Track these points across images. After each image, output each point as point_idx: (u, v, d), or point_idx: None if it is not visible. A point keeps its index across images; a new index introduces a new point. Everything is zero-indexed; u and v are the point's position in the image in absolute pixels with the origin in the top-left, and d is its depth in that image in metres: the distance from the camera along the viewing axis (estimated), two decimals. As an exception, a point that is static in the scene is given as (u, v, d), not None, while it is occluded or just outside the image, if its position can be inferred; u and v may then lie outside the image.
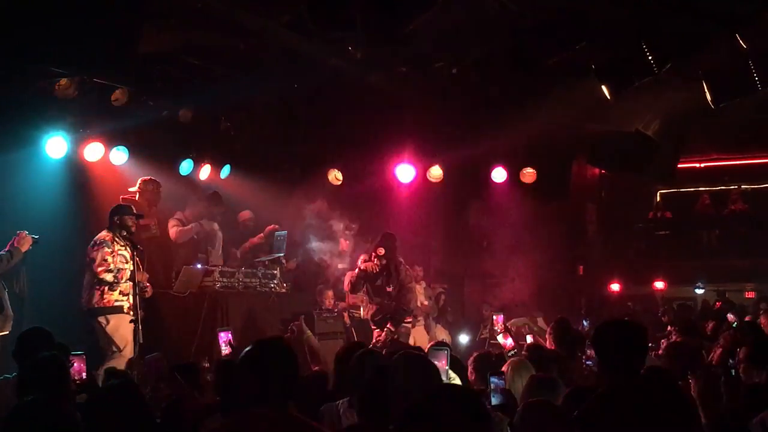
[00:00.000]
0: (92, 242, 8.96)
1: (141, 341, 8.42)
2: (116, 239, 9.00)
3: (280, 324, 10.35)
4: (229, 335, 7.09)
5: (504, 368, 5.85)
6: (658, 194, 19.68)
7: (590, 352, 7.62)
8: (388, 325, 10.24)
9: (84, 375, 5.06)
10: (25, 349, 5.35)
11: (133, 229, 9.17)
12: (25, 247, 8.18)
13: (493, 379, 5.15)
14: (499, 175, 13.91)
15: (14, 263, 8.15)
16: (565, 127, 12.51)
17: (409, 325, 10.75)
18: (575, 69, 9.58)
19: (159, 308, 9.68)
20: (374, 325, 10.52)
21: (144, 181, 10.20)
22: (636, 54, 8.38)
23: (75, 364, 4.97)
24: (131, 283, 8.79)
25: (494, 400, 5.06)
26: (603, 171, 16.51)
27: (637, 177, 15.12)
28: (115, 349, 8.66)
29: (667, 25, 8.74)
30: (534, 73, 9.94)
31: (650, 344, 7.38)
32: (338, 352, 6.44)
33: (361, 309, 12.45)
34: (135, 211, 9.27)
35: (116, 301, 8.93)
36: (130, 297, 8.83)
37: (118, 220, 9.08)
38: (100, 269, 8.85)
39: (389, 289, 10.34)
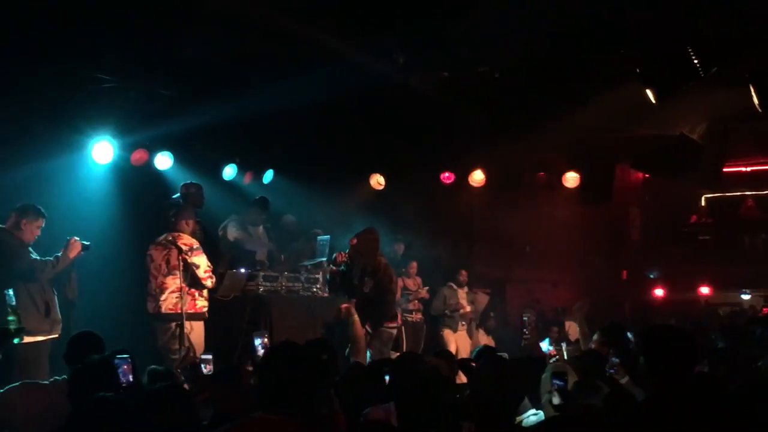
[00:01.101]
0: (182, 246, 8.95)
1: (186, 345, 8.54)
2: None
3: (322, 328, 10.36)
4: (265, 339, 7.06)
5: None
6: (702, 198, 19.44)
7: (614, 360, 7.48)
8: (366, 326, 9.44)
9: (130, 378, 5.10)
10: (75, 352, 5.42)
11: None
12: (73, 254, 8.11)
13: (555, 381, 5.17)
14: (542, 179, 13.87)
15: (61, 269, 8.16)
16: (608, 131, 12.42)
17: (393, 331, 9.94)
18: (619, 73, 9.51)
19: (203, 312, 9.78)
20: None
21: (186, 185, 10.24)
22: (681, 58, 8.29)
23: (123, 367, 5.01)
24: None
25: (555, 401, 5.09)
26: (647, 175, 16.36)
27: (681, 181, 14.98)
28: (192, 354, 8.69)
29: (712, 28, 8.65)
30: (577, 77, 9.88)
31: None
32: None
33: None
34: (196, 218, 9.37)
35: (204, 307, 9.11)
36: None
37: (189, 225, 9.18)
38: (206, 275, 8.96)
39: (366, 290, 9.58)
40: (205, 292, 9.12)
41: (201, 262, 8.92)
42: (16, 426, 4.98)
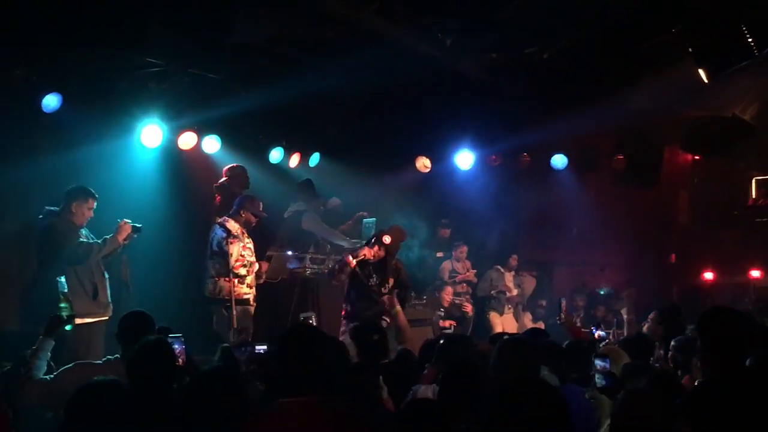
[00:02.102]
0: (223, 232, 9.02)
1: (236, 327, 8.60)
2: (244, 232, 9.18)
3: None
4: (312, 320, 7.06)
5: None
6: (753, 181, 19.09)
7: (660, 352, 7.37)
8: None
9: (184, 358, 5.14)
10: (126, 332, 5.47)
11: (253, 224, 9.35)
12: (122, 236, 8.16)
13: (598, 361, 5.09)
14: (588, 161, 13.75)
15: (109, 252, 8.21)
16: (657, 113, 12.25)
17: None
18: (669, 53, 9.36)
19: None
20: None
21: (231, 168, 10.30)
22: (735, 36, 8.13)
23: (176, 347, 5.05)
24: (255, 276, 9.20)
25: (599, 383, 5.02)
26: (696, 157, 16.12)
27: (732, 163, 14.76)
28: (244, 335, 8.73)
29: (767, 6, 8.47)
30: (627, 58, 9.75)
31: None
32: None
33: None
34: (260, 210, 9.39)
35: (245, 294, 9.12)
36: (254, 289, 9.20)
37: (244, 214, 9.22)
38: (237, 264, 8.95)
39: (384, 291, 9.14)
40: (246, 279, 9.15)
41: (234, 250, 8.92)
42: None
